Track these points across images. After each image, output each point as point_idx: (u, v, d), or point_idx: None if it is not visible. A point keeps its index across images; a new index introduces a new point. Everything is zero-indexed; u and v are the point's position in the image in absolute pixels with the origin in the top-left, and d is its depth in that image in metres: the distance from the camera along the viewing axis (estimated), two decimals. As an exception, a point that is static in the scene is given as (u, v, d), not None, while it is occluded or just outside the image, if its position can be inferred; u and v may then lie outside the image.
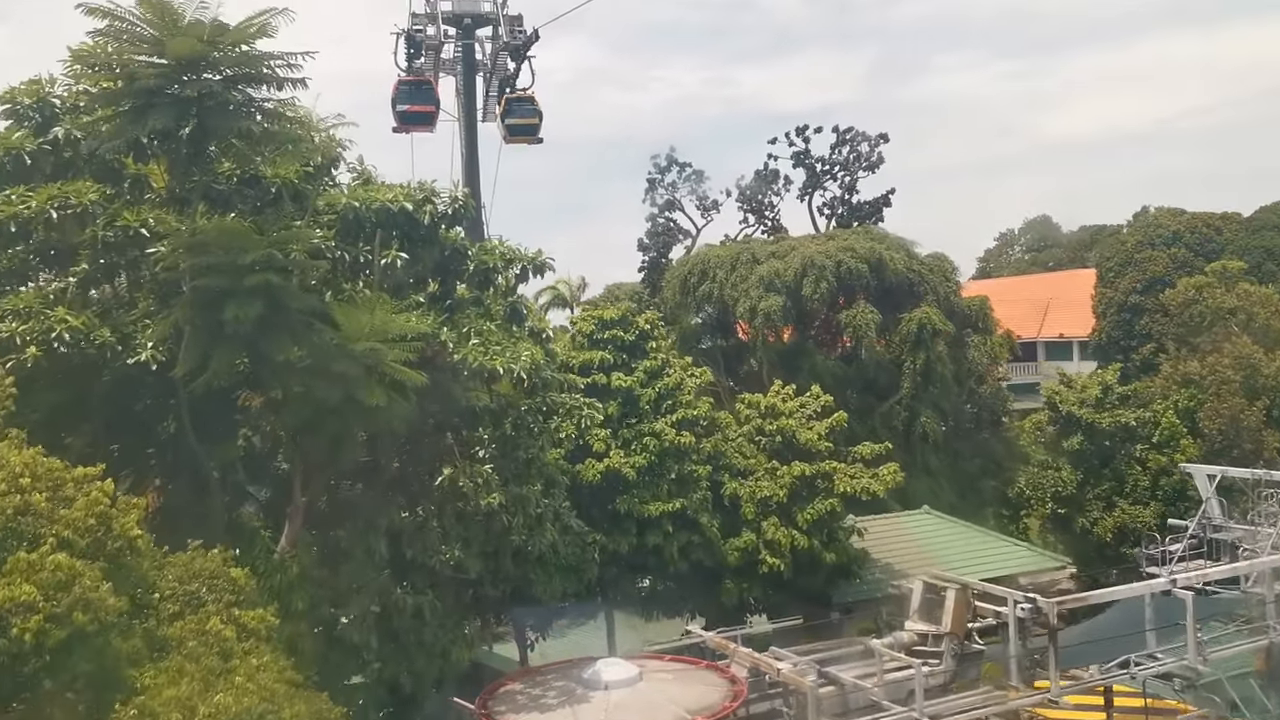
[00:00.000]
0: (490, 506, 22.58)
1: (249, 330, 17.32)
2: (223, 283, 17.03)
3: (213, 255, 16.90)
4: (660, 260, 58.94)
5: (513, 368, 21.34)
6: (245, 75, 17.29)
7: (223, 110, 17.21)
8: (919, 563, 31.31)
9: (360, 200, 20.36)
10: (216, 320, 17.30)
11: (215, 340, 17.72)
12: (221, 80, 17.21)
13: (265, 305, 17.20)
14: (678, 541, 27.17)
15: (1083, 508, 42.90)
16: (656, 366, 28.34)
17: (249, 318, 17.00)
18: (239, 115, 17.44)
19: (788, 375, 42.04)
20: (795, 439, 29.01)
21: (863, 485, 27.79)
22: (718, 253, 42.73)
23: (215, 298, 17.25)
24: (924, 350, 39.92)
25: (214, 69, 17.21)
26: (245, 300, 16.97)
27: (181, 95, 17.09)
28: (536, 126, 43.47)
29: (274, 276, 16.90)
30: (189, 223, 17.94)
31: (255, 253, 16.84)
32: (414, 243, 22.72)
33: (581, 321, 29.02)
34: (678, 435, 27.29)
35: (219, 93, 17.02)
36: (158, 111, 16.94)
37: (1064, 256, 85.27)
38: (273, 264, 17.02)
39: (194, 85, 17.00)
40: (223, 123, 17.25)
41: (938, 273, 42.30)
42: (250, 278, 16.94)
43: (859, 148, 57.00)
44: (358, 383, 18.58)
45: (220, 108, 17.17)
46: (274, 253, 16.82)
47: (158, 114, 16.91)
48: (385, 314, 20.03)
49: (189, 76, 17.16)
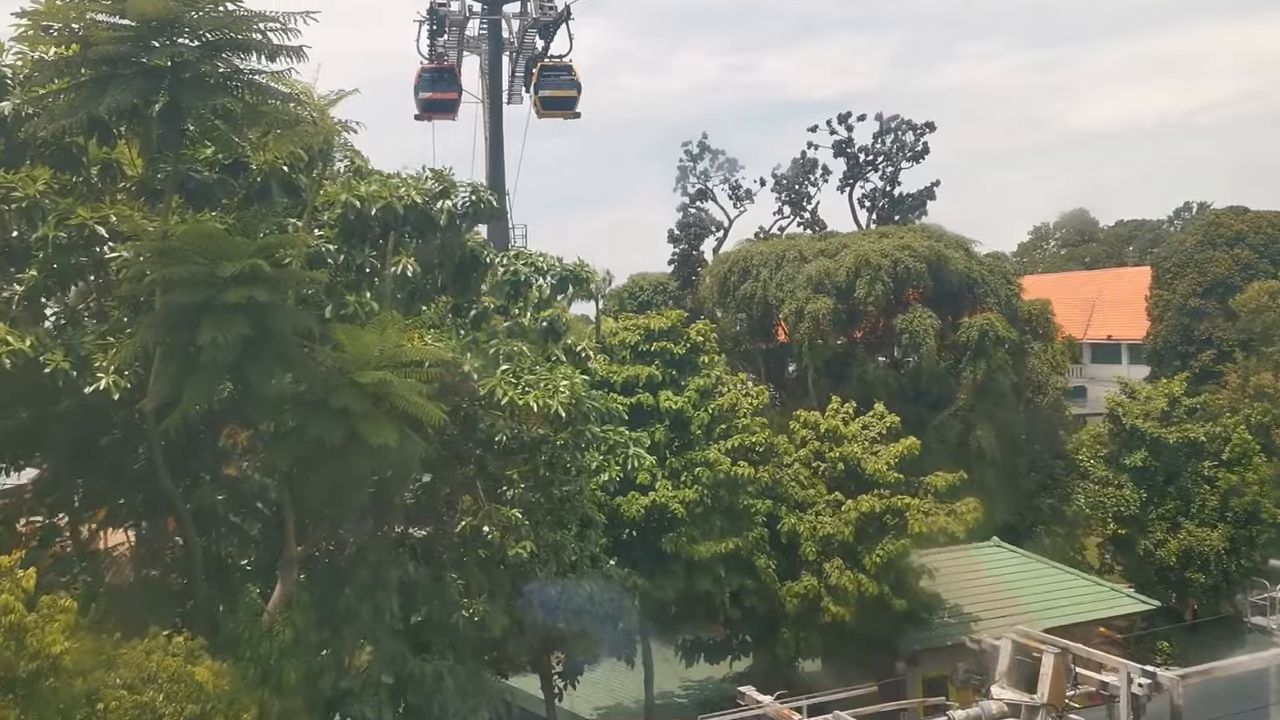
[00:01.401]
0: (519, 557, 18.84)
1: (230, 356, 13.64)
2: (198, 298, 13.32)
3: (186, 265, 13.14)
4: (691, 253, 55.13)
5: (550, 403, 17.68)
6: (228, 41, 13.41)
7: (200, 83, 13.34)
8: (991, 605, 27.59)
9: (362, 196, 16.54)
10: (191, 343, 13.63)
11: (189, 367, 14.05)
12: (199, 47, 13.33)
13: (249, 326, 13.50)
14: (729, 586, 23.45)
15: (1145, 528, 39.22)
16: (709, 385, 24.50)
17: (229, 342, 13.32)
18: (220, 90, 13.54)
19: (835, 383, 38.24)
20: (860, 468, 25.18)
21: (939, 525, 23.94)
22: (760, 249, 38.67)
23: (189, 316, 13.55)
24: (985, 359, 35.90)
25: (189, 32, 13.35)
26: (224, 320, 13.32)
27: (149, 65, 13.24)
28: (574, 99, 39.38)
29: (260, 292, 13.15)
30: (160, 221, 14.17)
31: (237, 263, 13.06)
32: (428, 244, 19.09)
33: (625, 331, 25.15)
34: (733, 466, 23.47)
35: (195, 62, 13.14)
36: (119, 84, 13.11)
37: (1101, 252, 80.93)
38: (258, 276, 13.25)
39: (164, 52, 13.15)
40: (200, 99, 13.35)
41: (998, 274, 38.18)
42: (231, 293, 13.22)
43: (903, 137, 53.05)
44: (363, 419, 15.01)
45: (197, 80, 13.31)
46: (259, 263, 13.03)
47: (119, 87, 13.07)
48: (397, 334, 16.35)
49: (159, 41, 13.32)
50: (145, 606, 17.57)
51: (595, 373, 22.72)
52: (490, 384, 17.99)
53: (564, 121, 43.05)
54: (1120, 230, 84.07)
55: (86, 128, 14.13)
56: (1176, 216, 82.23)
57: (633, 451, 19.68)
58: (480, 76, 48.67)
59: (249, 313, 13.37)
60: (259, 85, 13.71)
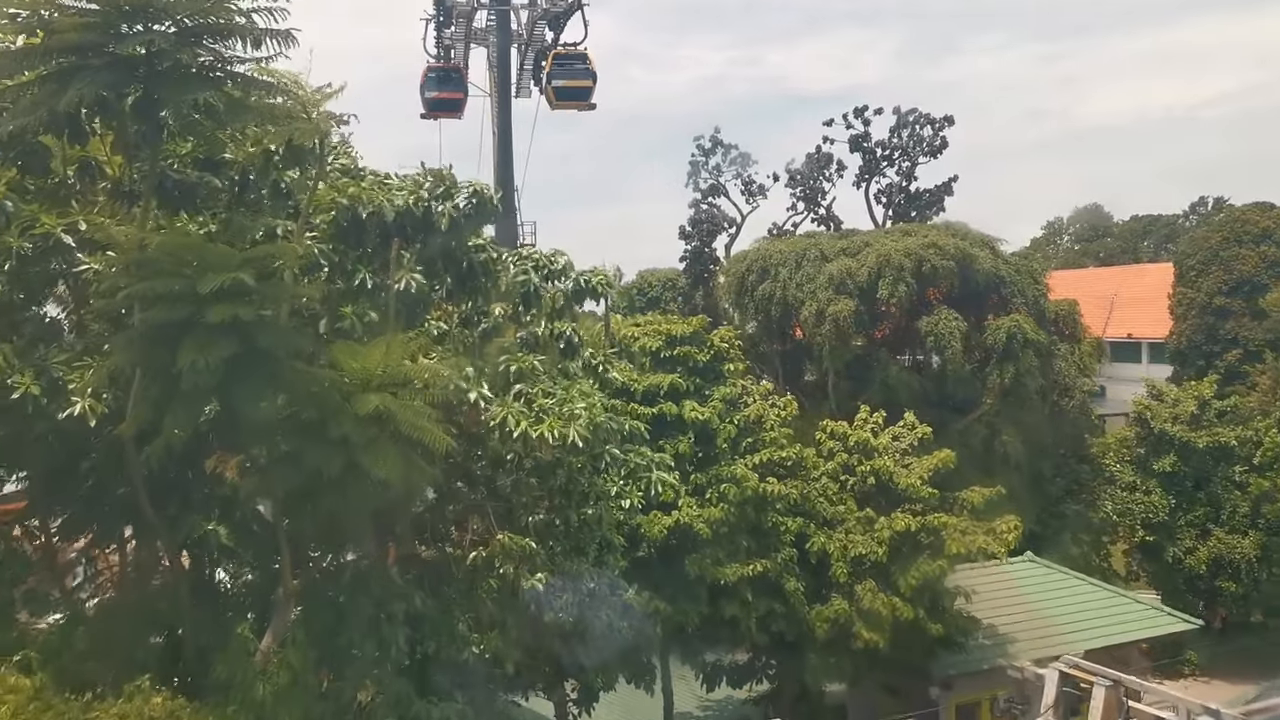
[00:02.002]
0: (535, 590, 17.20)
1: (214, 379, 12.03)
2: (177, 316, 11.68)
3: (163, 279, 11.50)
4: (703, 250, 53.36)
5: (565, 432, 16.12)
6: (207, 26, 11.70)
7: (177, 75, 11.62)
8: (1026, 625, 25.93)
9: (351, 197, 14.90)
10: (171, 365, 12.02)
11: (170, 391, 12.43)
12: (176, 33, 11.65)
13: (235, 346, 11.86)
14: (757, 611, 21.79)
15: (1173, 535, 37.63)
16: (734, 394, 22.82)
17: (212, 365, 11.70)
18: (200, 81, 11.85)
19: (856, 387, 36.58)
20: (892, 483, 23.50)
21: (977, 545, 22.26)
22: (779, 248, 36.88)
23: (168, 335, 11.92)
24: (1013, 363, 34.17)
25: (164, 17, 11.67)
26: (207, 340, 11.68)
27: (119, 54, 11.58)
28: (589, 90, 37.16)
29: (245, 309, 11.50)
30: (136, 227, 12.52)
31: (219, 276, 11.41)
32: (430, 249, 17.46)
33: (646, 337, 23.45)
34: (762, 482, 21.80)
35: (170, 50, 11.45)
36: (86, 77, 11.42)
37: (1116, 247, 78.98)
38: (243, 292, 11.61)
39: (136, 40, 11.45)
40: (178, 92, 11.64)
41: (1025, 273, 36.38)
42: (213, 310, 11.56)
43: (920, 131, 51.18)
44: (364, 448, 13.38)
45: (174, 71, 11.60)
46: (242, 278, 11.37)
47: (85, 80, 11.38)
48: (399, 352, 14.72)
49: (130, 28, 11.65)
50: (130, 641, 16.05)
51: (614, 382, 21.12)
52: (500, 413, 16.43)
53: (567, 114, 41.29)
54: (1135, 225, 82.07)
55: (53, 125, 12.43)
56: (1192, 211, 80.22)
57: (655, 476, 18.04)
58: (488, 70, 46.93)
59: (234, 332, 11.75)
60: (243, 76, 12.02)
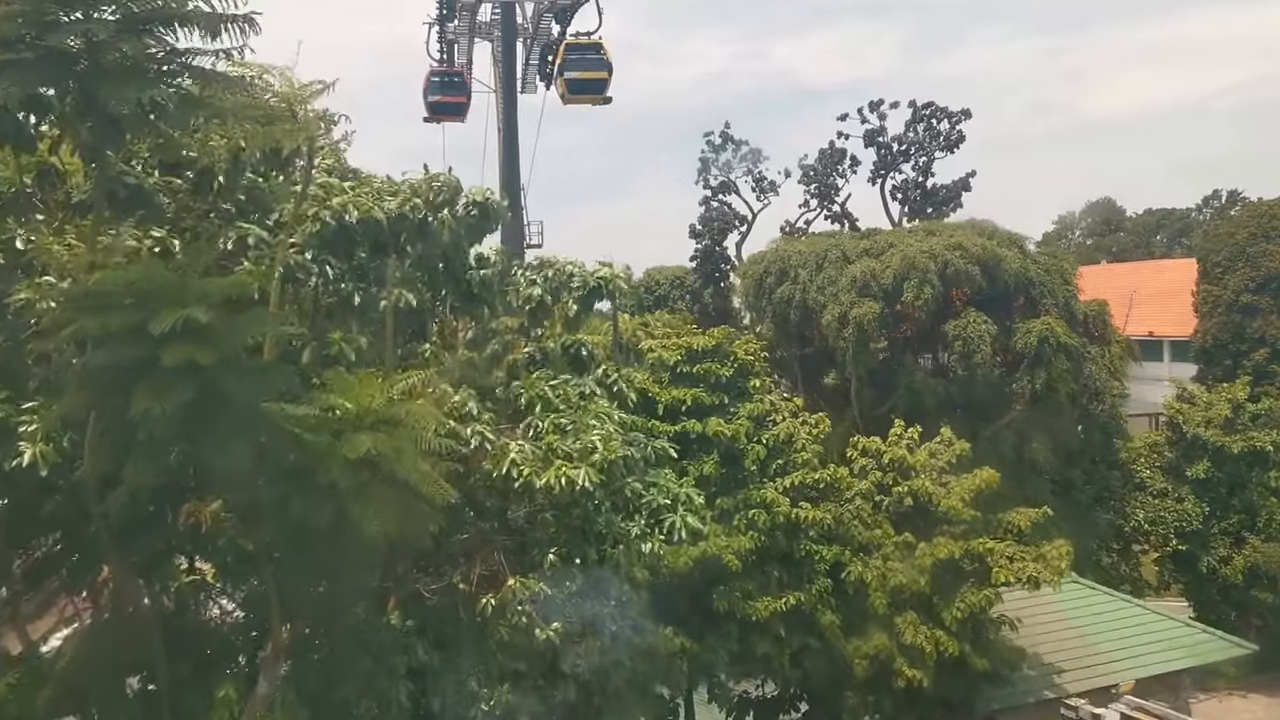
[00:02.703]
0: (550, 641, 15.24)
1: (172, 428, 10.08)
2: (129, 357, 9.70)
3: (110, 315, 9.51)
4: (714, 249, 51.28)
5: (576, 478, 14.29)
6: (156, 13, 9.67)
7: (122, 70, 9.61)
8: (1071, 653, 23.95)
9: (341, 206, 12.95)
10: (126, 411, 10.06)
11: (128, 439, 10.46)
12: (119, 22, 9.63)
13: (194, 390, 9.88)
14: (790, 647, 19.81)
15: (1207, 544, 35.68)
16: (762, 411, 20.80)
17: (166, 411, 9.74)
18: (148, 77, 9.81)
19: (880, 393, 34.58)
20: (932, 504, 21.51)
21: (1027, 573, 20.25)
22: (798, 248, 34.77)
23: (122, 378, 9.94)
24: (1044, 368, 32.14)
25: (105, 4, 9.64)
26: (162, 385, 9.67)
27: (51, 48, 9.56)
28: (604, 82, 34.64)
29: (203, 352, 9.51)
30: (84, 247, 10.54)
31: (170, 315, 9.41)
32: (429, 261, 15.58)
33: (665, 350, 21.43)
34: (794, 508, 19.81)
35: (111, 42, 9.43)
36: (12, 73, 9.41)
37: (1129, 242, 76.74)
38: (200, 332, 9.61)
39: (71, 30, 9.46)
40: (120, 89, 9.61)
41: (1055, 273, 34.32)
42: (166, 353, 9.59)
43: (938, 125, 49.02)
44: (355, 496, 11.46)
45: (118, 67, 9.57)
46: (196, 317, 9.37)
47: (12, 77, 9.38)
48: (395, 385, 12.80)
49: (67, 16, 9.63)
50: (101, 698, 14.19)
51: (632, 398, 19.18)
52: (507, 461, 14.61)
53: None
54: (1148, 219, 79.77)
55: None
56: (1205, 205, 78.00)
57: (679, 520, 16.07)
58: (493, 65, 44.94)
59: (194, 375, 9.77)
60: (203, 70, 9.98)
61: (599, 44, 34.85)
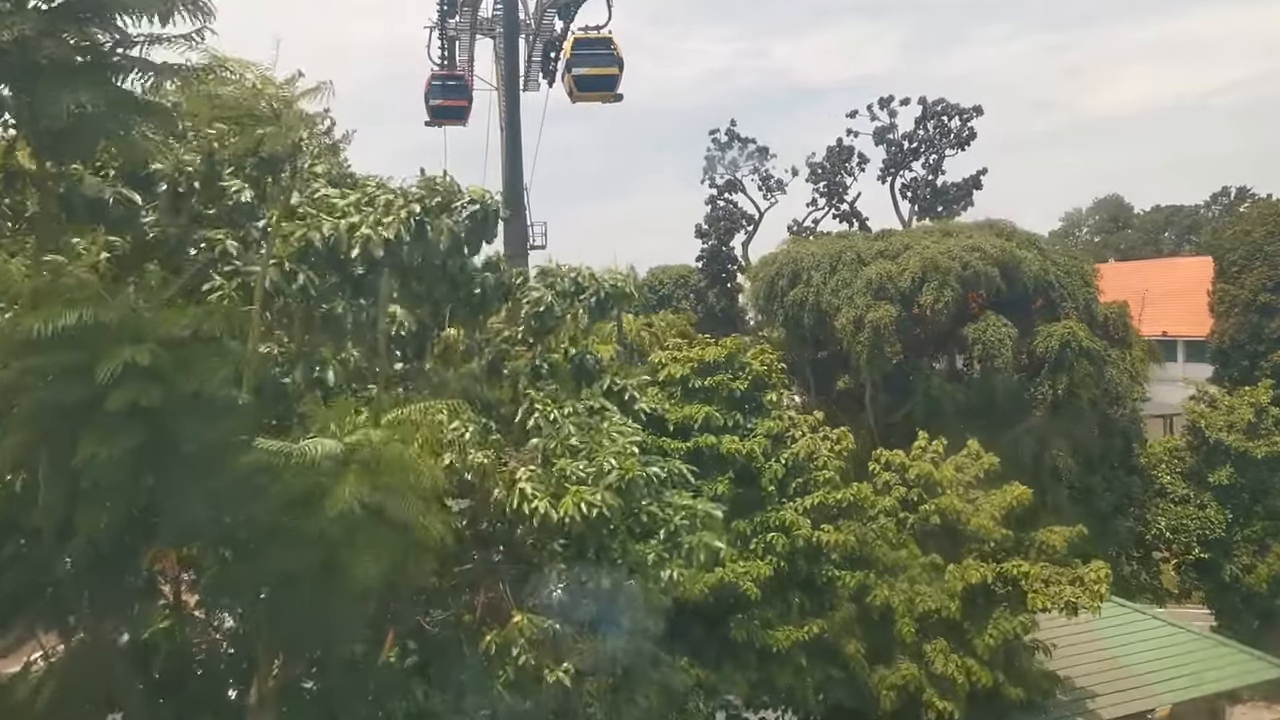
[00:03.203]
0: (559, 684, 13.87)
1: (121, 475, 8.72)
2: (74, 397, 8.33)
3: (53, 354, 8.15)
4: (721, 249, 49.97)
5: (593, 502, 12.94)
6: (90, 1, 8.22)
7: (56, 70, 8.17)
8: (1109, 677, 22.53)
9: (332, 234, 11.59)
10: (73, 455, 8.69)
11: (75, 486, 9.10)
12: (51, 13, 8.19)
13: (144, 434, 8.51)
14: (813, 678, 18.44)
15: (1230, 552, 34.33)
16: (780, 428, 19.41)
17: (116, 458, 8.37)
18: (89, 77, 8.37)
19: (895, 398, 33.28)
20: (961, 523, 20.15)
21: (1064, 598, 18.89)
22: (811, 250, 33.38)
23: (69, 420, 8.57)
24: (1065, 373, 30.82)
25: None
26: (108, 430, 8.32)
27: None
28: (615, 78, 32.40)
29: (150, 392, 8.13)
30: (30, 271, 9.16)
31: (113, 359, 8.03)
32: (427, 274, 14.21)
33: (674, 363, 20.00)
34: (816, 531, 18.43)
35: (36, 40, 7.99)
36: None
37: (1137, 239, 75.26)
38: (148, 372, 8.23)
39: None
40: (55, 93, 8.17)
41: (1075, 275, 32.97)
42: (113, 395, 8.23)
43: (949, 122, 47.66)
44: (344, 542, 10.13)
45: (52, 66, 8.16)
46: (138, 359, 7.98)
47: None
48: (391, 412, 11.45)
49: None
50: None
51: (642, 410, 17.81)
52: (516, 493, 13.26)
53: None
54: (1156, 216, 78.27)
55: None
56: (1214, 201, 76.51)
57: (699, 540, 14.68)
58: (495, 62, 43.44)
59: (144, 418, 8.40)
60: (155, 65, 8.55)
61: (609, 38, 32.81)
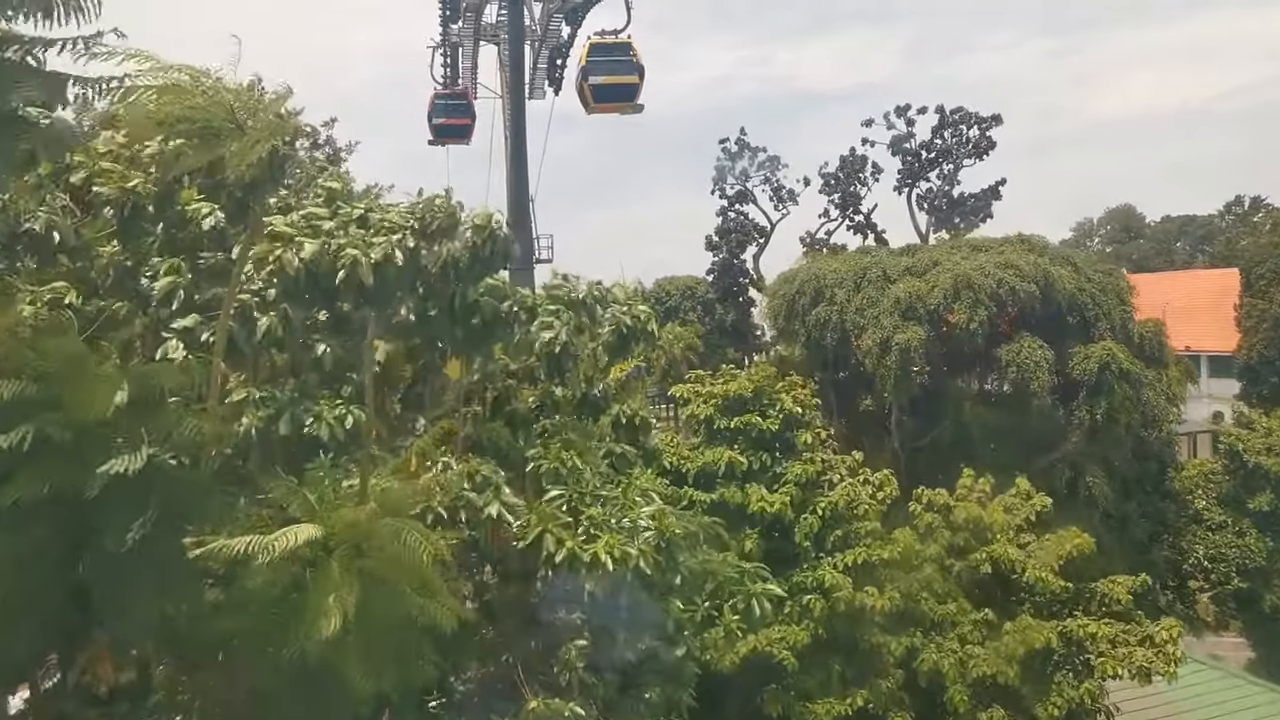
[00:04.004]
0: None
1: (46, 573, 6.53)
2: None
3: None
4: (732, 262, 47.76)
5: (630, 554, 10.69)
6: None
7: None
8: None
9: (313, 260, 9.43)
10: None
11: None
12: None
13: (58, 526, 6.32)
14: (855, 755, 16.22)
15: (1270, 581, 32.11)
16: (814, 473, 17.16)
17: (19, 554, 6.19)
18: None
19: (921, 422, 31.07)
20: (1014, 572, 17.93)
21: (1137, 664, 16.64)
22: (834, 266, 31.14)
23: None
24: (1104, 397, 28.61)
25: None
26: (14, 520, 6.16)
27: None
28: (635, 88, 29.37)
29: (72, 473, 5.96)
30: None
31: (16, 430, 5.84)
32: (423, 306, 12.07)
33: (696, 401, 17.76)
34: (858, 593, 16.19)
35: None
36: None
37: (1149, 249, 73.02)
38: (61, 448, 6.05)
39: None
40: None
41: (1110, 293, 30.75)
42: (12, 483, 6.05)
43: (968, 131, 45.47)
44: (334, 645, 7.97)
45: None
46: (47, 429, 5.82)
47: None
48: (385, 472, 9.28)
49: None
50: None
51: (659, 456, 15.65)
52: (533, 532, 10.99)
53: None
54: (1169, 226, 75.99)
55: None
56: (1227, 211, 74.29)
57: (759, 590, 12.41)
58: (499, 69, 41.33)
59: (57, 506, 6.23)
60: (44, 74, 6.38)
61: (628, 44, 29.76)
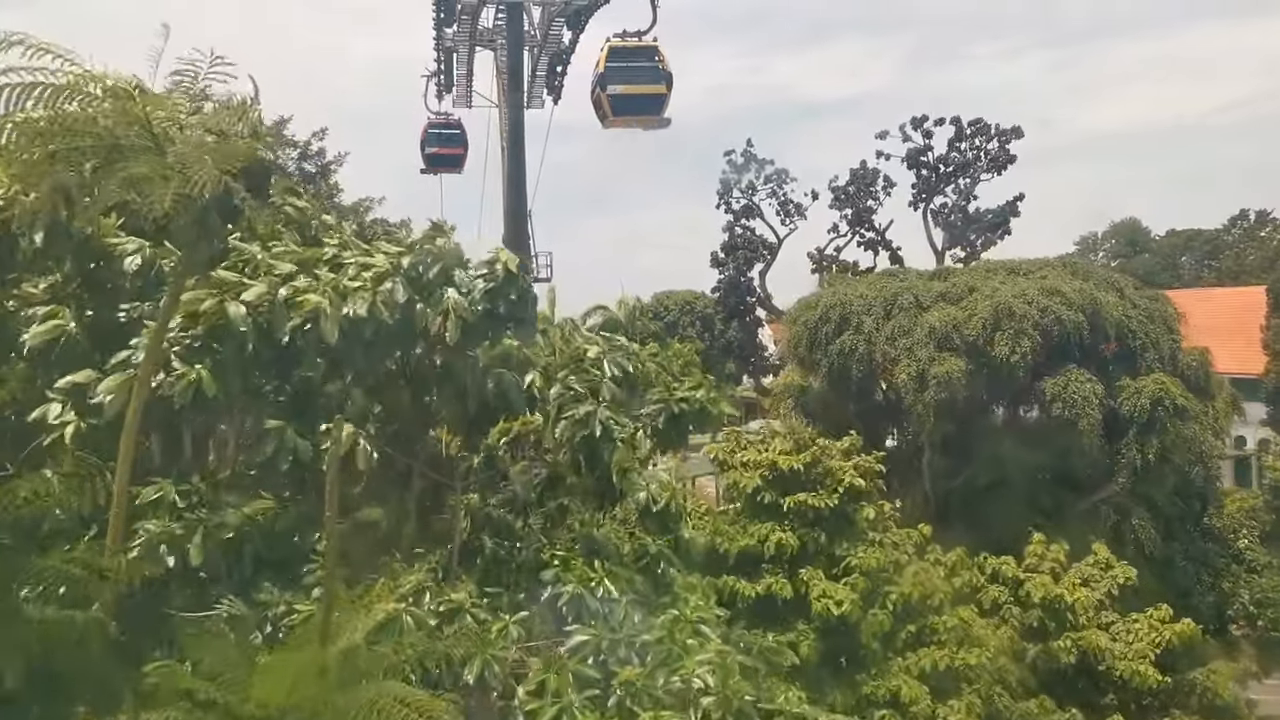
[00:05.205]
0: None
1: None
2: None
3: None
4: (739, 279, 44.91)
5: None
6: None
7: None
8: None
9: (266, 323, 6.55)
10: None
11: None
12: None
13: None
14: None
15: (1316, 625, 29.51)
16: (882, 561, 14.24)
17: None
18: None
19: (955, 462, 28.18)
20: (1103, 661, 15.07)
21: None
22: (860, 291, 28.21)
23: None
24: (1156, 435, 25.84)
25: None
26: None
27: None
28: (662, 98, 24.56)
29: None
30: None
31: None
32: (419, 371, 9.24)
33: (738, 470, 14.83)
34: (939, 707, 13.30)
35: None
36: None
37: (1155, 264, 70.40)
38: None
39: None
40: None
41: (1157, 320, 28.00)
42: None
43: (987, 144, 42.73)
44: None
45: None
46: None
47: None
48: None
49: None
50: None
51: (692, 543, 12.79)
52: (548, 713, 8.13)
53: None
54: (1174, 240, 73.42)
55: None
56: (1233, 225, 71.83)
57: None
58: (495, 76, 38.34)
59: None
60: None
61: (654, 48, 25.03)
